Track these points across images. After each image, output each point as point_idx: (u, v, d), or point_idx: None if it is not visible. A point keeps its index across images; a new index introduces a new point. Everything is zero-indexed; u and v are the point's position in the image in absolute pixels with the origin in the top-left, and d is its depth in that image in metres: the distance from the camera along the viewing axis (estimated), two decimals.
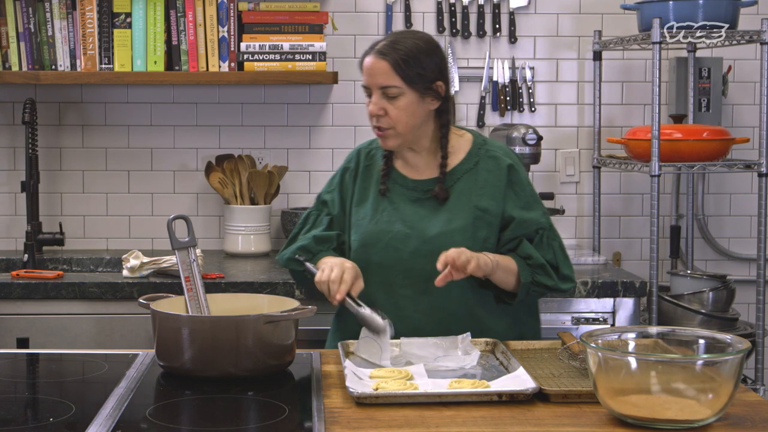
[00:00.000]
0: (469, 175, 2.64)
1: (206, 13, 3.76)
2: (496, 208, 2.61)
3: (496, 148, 2.69)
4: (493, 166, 2.64)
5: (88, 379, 2.30)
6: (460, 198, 2.61)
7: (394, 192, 2.65)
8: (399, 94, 2.55)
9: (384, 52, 2.54)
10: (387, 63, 2.54)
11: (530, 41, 4.05)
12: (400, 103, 2.55)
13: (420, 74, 2.55)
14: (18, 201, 3.94)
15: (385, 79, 2.54)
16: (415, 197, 2.64)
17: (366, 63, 2.58)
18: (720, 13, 3.54)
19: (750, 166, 3.63)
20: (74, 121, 3.96)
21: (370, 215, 2.63)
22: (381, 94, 2.55)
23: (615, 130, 4.07)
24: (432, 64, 2.57)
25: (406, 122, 2.57)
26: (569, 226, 4.10)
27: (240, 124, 4.00)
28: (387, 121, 2.56)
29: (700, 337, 2.05)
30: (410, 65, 2.54)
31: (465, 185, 2.63)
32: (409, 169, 2.67)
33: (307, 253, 2.65)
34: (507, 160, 2.65)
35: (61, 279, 3.34)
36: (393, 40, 2.57)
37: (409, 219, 2.61)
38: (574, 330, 3.41)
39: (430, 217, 2.61)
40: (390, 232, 2.59)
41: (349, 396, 2.06)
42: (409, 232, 2.59)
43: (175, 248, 2.38)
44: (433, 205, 2.62)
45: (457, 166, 2.65)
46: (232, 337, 2.18)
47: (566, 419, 1.97)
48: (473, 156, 2.66)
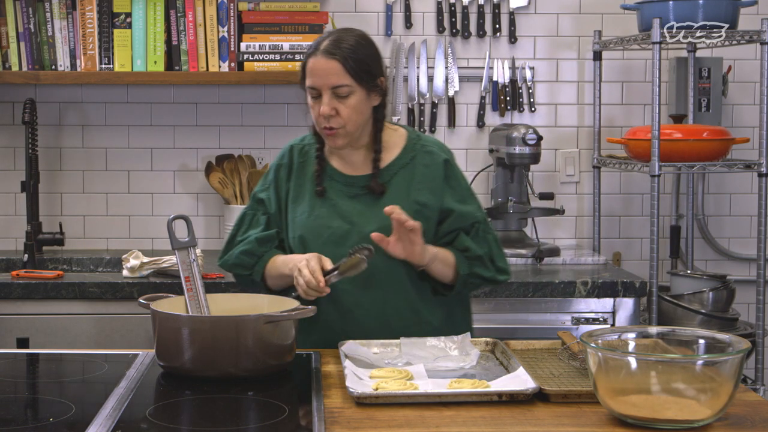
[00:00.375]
0: (406, 170, 2.65)
1: (206, 13, 3.76)
2: (435, 202, 2.63)
3: (431, 143, 2.71)
4: (430, 160, 2.66)
5: (88, 379, 2.30)
6: (398, 192, 2.63)
7: (331, 189, 2.65)
8: (350, 93, 2.55)
9: (332, 52, 2.53)
10: (338, 62, 2.53)
11: (530, 41, 4.05)
12: (351, 102, 2.56)
13: (367, 71, 2.56)
14: (18, 201, 3.94)
15: (337, 78, 2.54)
16: (353, 193, 2.64)
17: (315, 64, 2.55)
18: (720, 13, 3.54)
19: (750, 166, 3.63)
20: (74, 121, 3.96)
21: (308, 211, 2.63)
22: (332, 94, 2.55)
23: (615, 130, 4.07)
24: (375, 60, 2.60)
25: (356, 120, 2.58)
26: (569, 226, 4.10)
27: (240, 124, 4.00)
28: (338, 121, 2.56)
29: (700, 337, 2.05)
30: (359, 63, 2.54)
31: (402, 180, 2.64)
32: (345, 165, 2.67)
33: (252, 256, 2.64)
34: (443, 155, 2.69)
35: (61, 279, 3.34)
36: (336, 39, 2.56)
37: (347, 215, 2.62)
38: (574, 330, 3.41)
39: (369, 212, 2.61)
40: (329, 227, 2.60)
41: (349, 396, 2.06)
42: (348, 227, 2.60)
43: (175, 248, 2.38)
44: (370, 200, 2.63)
45: (393, 161, 2.66)
46: (232, 337, 2.18)
47: (566, 419, 1.97)
48: (409, 151, 2.67)
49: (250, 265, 2.65)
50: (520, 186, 3.84)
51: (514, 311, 3.43)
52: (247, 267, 2.65)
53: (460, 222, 2.63)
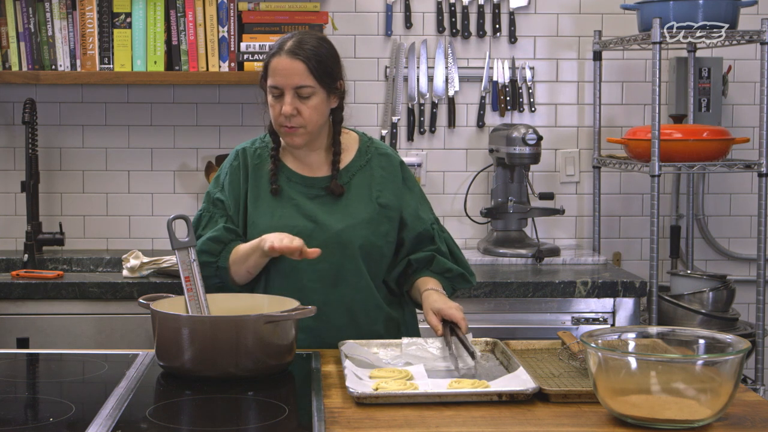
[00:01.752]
0: (363, 171, 2.69)
1: (206, 13, 3.76)
2: (396, 203, 2.68)
3: (383, 146, 2.77)
4: (386, 163, 2.72)
5: (88, 379, 2.30)
6: (359, 193, 2.67)
7: (291, 189, 2.66)
8: (311, 93, 2.58)
9: (297, 53, 2.56)
10: (302, 63, 2.56)
11: (530, 41, 4.05)
12: (312, 103, 2.58)
13: (328, 74, 2.60)
14: (18, 201, 3.94)
15: (300, 79, 2.56)
16: (313, 194, 2.66)
17: (279, 64, 2.57)
18: (720, 13, 3.54)
19: (750, 166, 3.63)
20: (74, 121, 3.96)
21: (270, 213, 2.63)
22: (294, 94, 2.57)
23: (615, 130, 4.07)
24: (336, 63, 2.64)
25: (316, 121, 2.61)
26: (569, 226, 4.10)
27: (240, 124, 4.00)
28: (299, 121, 2.59)
29: (700, 337, 2.05)
30: (321, 65, 2.58)
31: (361, 181, 2.68)
32: (302, 167, 2.69)
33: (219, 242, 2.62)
34: (398, 158, 2.75)
35: (61, 279, 3.34)
36: (300, 41, 2.59)
37: (311, 214, 2.63)
38: (574, 330, 3.41)
39: (332, 212, 2.64)
40: (295, 227, 2.60)
41: (349, 396, 2.06)
42: (313, 226, 2.62)
43: (175, 248, 2.38)
44: (331, 201, 2.66)
45: (350, 163, 2.69)
46: (232, 337, 2.18)
47: (566, 419, 1.97)
48: (363, 153, 2.72)
49: (216, 252, 2.63)
50: (520, 186, 3.84)
51: (514, 311, 3.43)
52: (213, 253, 2.62)
53: (420, 225, 2.69)
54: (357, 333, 2.57)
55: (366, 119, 4.00)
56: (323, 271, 2.61)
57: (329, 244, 2.60)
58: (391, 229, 2.66)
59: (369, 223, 2.63)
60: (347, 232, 2.61)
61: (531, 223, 3.86)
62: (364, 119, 3.98)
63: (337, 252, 2.60)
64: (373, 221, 2.64)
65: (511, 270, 3.62)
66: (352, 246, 2.61)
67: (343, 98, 2.68)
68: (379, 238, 2.63)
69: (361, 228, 2.62)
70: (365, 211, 2.64)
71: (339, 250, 2.60)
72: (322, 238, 2.60)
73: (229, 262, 2.62)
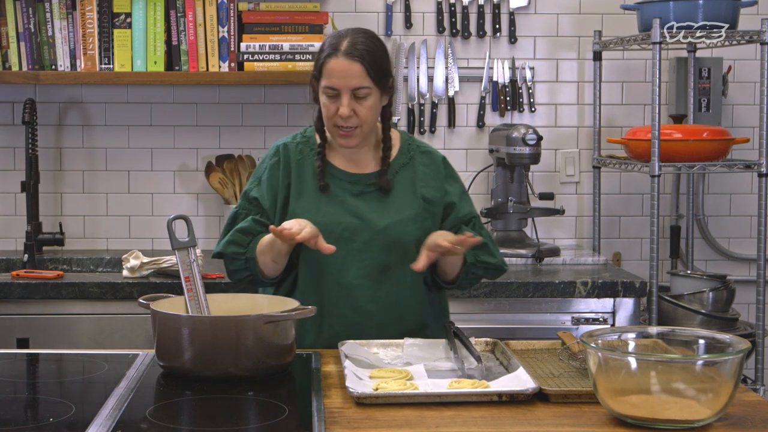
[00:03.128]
0: (406, 168, 2.70)
1: (206, 13, 3.76)
2: (439, 198, 2.69)
3: (424, 144, 2.79)
4: (428, 160, 2.73)
5: (88, 379, 2.30)
6: (404, 190, 2.67)
7: (335, 186, 2.66)
8: (368, 94, 2.58)
9: (354, 54, 2.56)
10: (359, 65, 2.55)
11: (530, 41, 4.05)
12: (368, 103, 2.59)
13: (384, 73, 2.60)
14: (18, 201, 3.94)
15: (359, 80, 2.56)
16: (358, 191, 2.66)
17: (336, 65, 2.57)
18: (720, 13, 3.54)
19: (750, 166, 3.63)
20: (74, 121, 3.97)
21: (314, 209, 2.63)
22: (351, 95, 2.57)
23: (615, 130, 4.07)
24: (388, 60, 2.64)
25: (372, 121, 2.62)
26: (569, 226, 4.10)
27: (240, 124, 4.00)
28: (355, 121, 2.59)
29: (700, 337, 2.05)
30: (377, 65, 2.58)
31: (405, 178, 2.68)
32: (348, 163, 2.69)
33: (248, 234, 2.63)
34: (439, 154, 2.77)
35: (61, 279, 3.34)
36: (354, 41, 2.58)
37: (356, 211, 2.63)
38: (574, 330, 3.41)
39: (378, 209, 2.64)
40: (340, 224, 2.60)
41: (349, 396, 2.06)
42: (359, 223, 2.62)
43: (175, 248, 2.38)
44: (376, 197, 2.66)
45: (393, 160, 2.70)
46: (232, 337, 2.18)
47: (566, 419, 1.97)
48: (405, 151, 2.73)
49: (245, 243, 2.63)
50: (520, 186, 3.84)
51: (514, 311, 3.43)
52: (242, 245, 2.63)
53: (456, 216, 2.70)
54: (400, 330, 2.56)
55: None
56: (369, 268, 2.60)
57: (375, 240, 2.60)
58: (435, 224, 2.67)
59: (414, 220, 2.63)
60: (393, 228, 2.61)
61: (531, 223, 3.86)
62: None
63: (382, 249, 2.60)
64: (418, 217, 2.64)
65: (511, 270, 3.61)
66: (397, 242, 2.61)
67: (393, 95, 2.68)
68: (424, 233, 2.61)
69: (407, 224, 2.62)
70: (410, 207, 2.64)
71: (384, 246, 2.60)
72: (367, 234, 2.60)
73: (256, 253, 2.61)
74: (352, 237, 2.60)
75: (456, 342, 2.37)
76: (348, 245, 2.59)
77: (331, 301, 2.59)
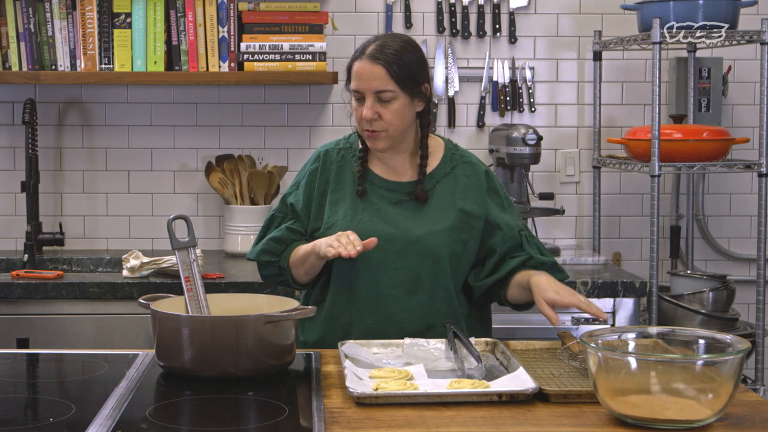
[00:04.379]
0: (448, 179, 2.68)
1: (206, 13, 3.76)
2: (480, 212, 2.66)
3: (468, 154, 2.75)
4: (471, 171, 2.70)
5: (88, 379, 2.30)
6: (443, 200, 2.65)
7: (373, 194, 2.66)
8: (393, 98, 2.57)
9: (378, 57, 2.55)
10: (382, 68, 2.55)
11: (530, 41, 4.05)
12: (394, 107, 2.57)
13: (411, 78, 2.58)
14: (18, 201, 3.94)
15: (381, 84, 2.56)
16: (396, 199, 2.65)
17: (359, 68, 2.58)
18: (720, 13, 3.54)
19: (750, 166, 3.63)
20: (74, 121, 3.97)
21: (351, 215, 2.62)
22: (375, 98, 2.57)
23: (615, 130, 4.07)
24: (420, 67, 2.61)
25: (398, 125, 2.60)
26: (569, 226, 4.10)
27: (240, 124, 4.00)
28: (380, 125, 2.58)
29: (700, 337, 2.05)
30: (403, 69, 2.56)
31: (445, 188, 2.66)
32: (387, 171, 2.69)
33: (281, 243, 2.65)
34: (483, 166, 2.73)
35: (61, 279, 3.34)
36: (383, 44, 2.58)
37: (392, 219, 2.62)
38: (574, 330, 3.41)
39: (414, 218, 2.63)
40: (375, 231, 2.59)
41: (349, 396, 2.06)
42: (394, 231, 2.61)
43: (175, 248, 2.38)
44: (414, 207, 2.64)
45: (435, 169, 2.68)
46: (232, 337, 2.18)
47: (566, 419, 1.97)
48: (448, 160, 2.70)
49: (278, 252, 2.65)
50: (520, 186, 3.84)
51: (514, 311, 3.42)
52: (275, 253, 2.65)
53: (509, 231, 2.67)
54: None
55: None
56: (402, 277, 2.60)
57: (409, 250, 2.59)
58: (473, 237, 2.64)
59: (450, 231, 2.61)
60: (427, 239, 2.59)
61: (531, 223, 3.86)
62: None
63: (416, 259, 2.59)
64: (454, 229, 2.61)
65: None
66: (431, 253, 2.59)
67: (429, 101, 2.66)
68: (459, 245, 2.61)
69: (442, 235, 2.60)
70: (447, 218, 2.62)
71: (418, 256, 2.59)
72: (401, 244, 2.59)
73: (289, 263, 2.62)
74: (386, 246, 2.58)
75: (456, 342, 2.37)
76: (382, 253, 2.58)
77: (361, 309, 2.58)
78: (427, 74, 2.64)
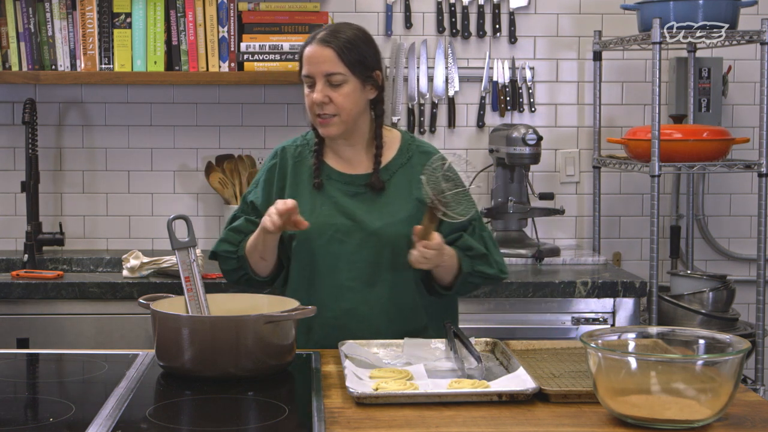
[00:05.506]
0: (404, 169, 2.68)
1: (206, 13, 3.76)
2: None
3: (425, 144, 2.75)
4: (427, 160, 2.66)
5: (88, 379, 2.30)
6: (399, 191, 2.65)
7: (330, 187, 2.66)
8: (343, 81, 2.58)
9: (328, 41, 2.57)
10: (332, 50, 2.57)
11: (530, 41, 4.05)
12: (344, 90, 2.58)
13: (361, 62, 2.59)
14: (18, 201, 3.94)
15: (330, 66, 2.57)
16: (353, 192, 2.66)
17: (309, 52, 2.59)
18: (720, 13, 3.54)
19: (750, 166, 3.63)
20: (74, 121, 3.97)
21: (309, 210, 2.63)
22: (325, 81, 2.58)
23: (615, 130, 4.07)
24: (371, 52, 2.63)
25: (349, 109, 2.60)
26: (569, 226, 4.10)
27: (240, 124, 4.00)
28: (332, 108, 2.59)
29: (700, 337, 2.05)
30: (353, 53, 2.58)
31: (401, 179, 2.67)
32: (342, 164, 2.69)
33: (239, 233, 2.65)
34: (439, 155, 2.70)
35: (61, 279, 3.34)
36: (333, 30, 2.61)
37: (350, 212, 2.63)
38: (574, 330, 3.41)
39: (372, 209, 2.63)
40: (333, 225, 2.60)
41: (349, 396, 2.06)
42: (352, 224, 2.61)
43: (175, 248, 2.38)
44: (371, 198, 2.65)
45: (391, 160, 2.68)
46: (232, 337, 2.18)
47: (566, 419, 1.97)
48: (405, 151, 2.70)
49: (236, 241, 2.65)
50: (520, 186, 3.84)
51: (514, 311, 3.43)
52: (233, 243, 2.65)
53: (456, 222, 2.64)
54: (394, 334, 2.54)
55: None
56: (361, 270, 2.60)
57: (367, 241, 2.60)
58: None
59: (408, 221, 2.60)
60: (385, 230, 2.60)
61: (531, 223, 3.86)
62: None
63: (375, 250, 2.59)
64: (412, 219, 2.60)
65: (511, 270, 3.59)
66: (389, 244, 2.59)
67: (382, 90, 2.66)
68: None
69: (400, 226, 2.60)
70: (404, 209, 2.63)
71: (376, 248, 2.59)
72: (360, 235, 2.60)
73: (246, 251, 2.62)
74: (344, 238, 2.60)
75: (456, 342, 2.37)
76: (340, 246, 2.60)
77: (322, 303, 2.57)
78: (379, 62, 2.65)
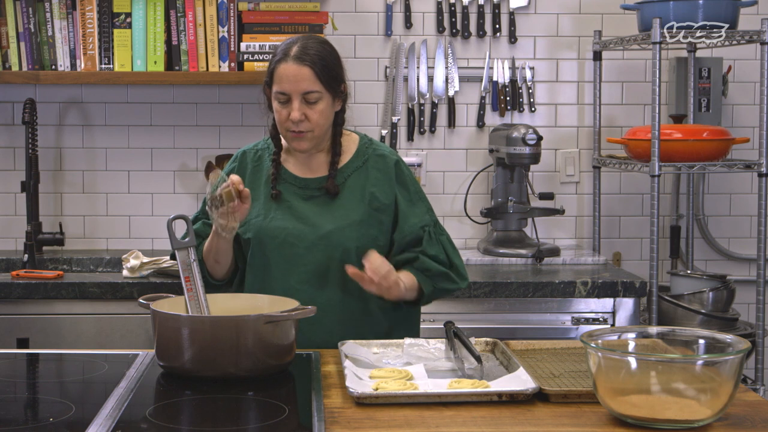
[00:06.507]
0: (359, 172, 2.69)
1: (206, 13, 3.76)
2: (388, 202, 2.66)
3: (382, 147, 2.75)
4: (382, 164, 2.70)
5: (88, 379, 2.30)
6: (353, 194, 2.66)
7: (286, 191, 2.68)
8: (318, 98, 2.59)
9: (303, 59, 2.57)
10: (309, 69, 2.57)
11: (530, 41, 4.05)
12: (319, 107, 2.59)
13: (334, 78, 2.61)
14: (18, 201, 3.94)
15: (309, 85, 2.57)
16: (308, 195, 2.67)
17: (285, 70, 2.58)
18: (720, 13, 3.54)
19: (750, 166, 3.63)
20: (74, 121, 3.97)
21: (263, 214, 2.65)
22: (302, 99, 2.58)
23: (615, 130, 4.07)
24: (340, 66, 2.65)
25: (323, 125, 2.62)
26: (569, 226, 4.10)
27: (240, 124, 4.00)
28: (306, 125, 2.60)
29: (700, 337, 2.05)
30: (327, 70, 2.59)
31: (356, 182, 2.67)
32: (300, 168, 2.70)
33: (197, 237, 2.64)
34: (394, 158, 2.73)
35: (61, 279, 3.34)
36: (305, 46, 2.60)
37: (303, 216, 2.64)
38: (574, 330, 3.41)
39: (324, 213, 2.65)
40: (285, 228, 2.62)
41: (349, 396, 2.06)
42: (303, 228, 2.63)
43: (175, 248, 2.38)
44: (325, 201, 2.66)
45: (347, 163, 2.70)
46: (232, 337, 2.18)
47: (566, 419, 1.97)
48: (361, 154, 2.71)
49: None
50: (520, 186, 3.85)
51: (514, 311, 3.43)
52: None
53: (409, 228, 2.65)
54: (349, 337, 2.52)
55: (366, 119, 4.00)
56: (310, 272, 2.61)
57: (317, 245, 2.61)
58: (382, 233, 2.65)
59: (359, 225, 2.62)
60: (336, 233, 2.61)
61: (531, 223, 3.86)
62: (364, 119, 3.98)
63: (325, 254, 2.61)
64: (363, 223, 2.63)
65: (511, 270, 3.62)
66: (339, 248, 2.61)
67: (346, 101, 2.69)
68: (369, 240, 2.62)
69: (351, 230, 2.62)
70: (356, 212, 2.64)
71: (327, 251, 2.61)
72: (310, 239, 2.62)
73: (203, 255, 2.64)
74: (296, 242, 2.61)
75: (456, 342, 2.37)
76: (291, 250, 2.61)
77: None
78: (344, 73, 2.66)
